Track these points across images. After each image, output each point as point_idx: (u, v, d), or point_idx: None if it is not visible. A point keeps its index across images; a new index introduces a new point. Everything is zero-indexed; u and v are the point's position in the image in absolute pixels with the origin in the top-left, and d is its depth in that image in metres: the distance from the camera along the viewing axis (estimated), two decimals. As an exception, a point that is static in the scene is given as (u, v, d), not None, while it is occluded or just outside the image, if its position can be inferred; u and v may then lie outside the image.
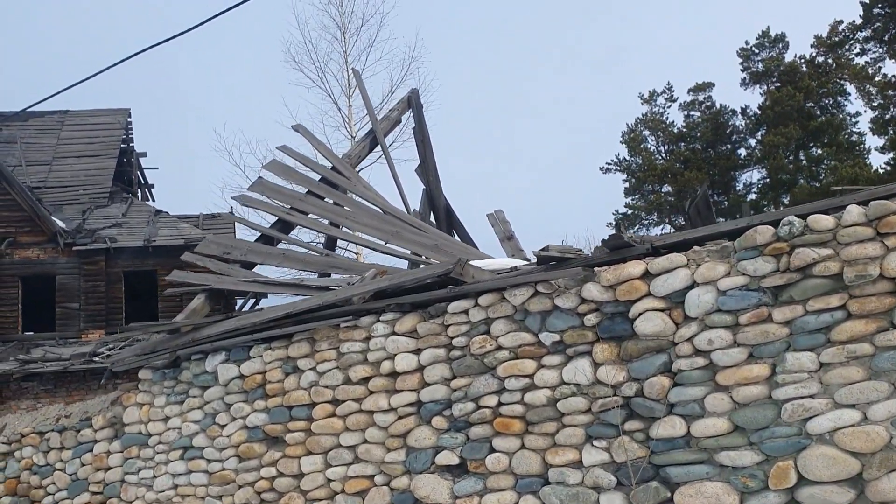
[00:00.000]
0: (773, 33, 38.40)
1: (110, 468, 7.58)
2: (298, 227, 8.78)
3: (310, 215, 8.47)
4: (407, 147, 15.84)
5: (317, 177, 8.87)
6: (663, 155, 41.34)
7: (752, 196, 38.21)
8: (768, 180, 37.22)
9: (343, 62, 22.04)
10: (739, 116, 39.81)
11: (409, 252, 7.93)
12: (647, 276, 4.98)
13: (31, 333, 19.82)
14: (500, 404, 5.44)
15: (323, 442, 6.24)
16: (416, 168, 10.54)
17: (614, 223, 41.00)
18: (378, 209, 8.51)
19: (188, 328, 7.47)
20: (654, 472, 4.85)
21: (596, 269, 5.18)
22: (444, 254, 7.65)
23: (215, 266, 8.00)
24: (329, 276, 8.57)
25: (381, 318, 6.08)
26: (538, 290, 5.35)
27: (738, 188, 39.97)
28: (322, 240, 13.32)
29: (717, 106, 40.47)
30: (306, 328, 6.39)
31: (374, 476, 5.98)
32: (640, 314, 4.94)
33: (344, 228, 8.50)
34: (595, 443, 5.06)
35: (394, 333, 6.00)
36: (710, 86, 41.69)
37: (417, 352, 5.87)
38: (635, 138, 41.48)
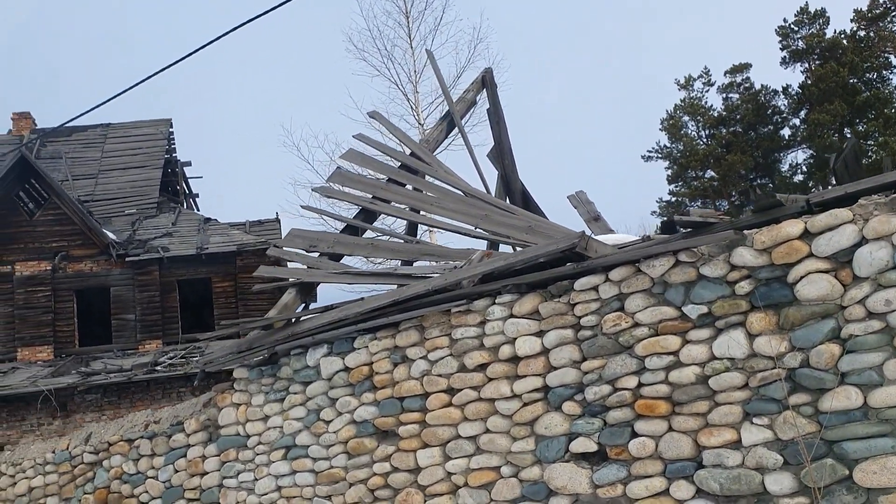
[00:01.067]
0: (812, 9, 37.48)
1: (206, 473, 7.31)
2: (381, 215, 8.46)
3: (392, 203, 8.14)
4: (477, 132, 15.25)
5: (395, 164, 8.56)
6: (704, 140, 40.63)
7: (799, 177, 37.38)
8: (813, 160, 36.31)
9: (408, 47, 21.64)
10: (781, 96, 38.97)
11: (501, 236, 7.56)
12: (806, 235, 4.56)
13: (88, 346, 19.79)
14: (640, 385, 5.05)
15: (440, 433, 5.90)
16: (488, 152, 10.18)
17: (660, 211, 40.40)
18: (461, 193, 8.16)
19: (280, 323, 7.20)
20: (826, 448, 4.43)
21: (745, 232, 4.78)
22: (539, 235, 7.27)
23: (302, 259, 7.70)
24: (411, 264, 8.27)
25: (496, 301, 5.72)
26: (679, 260, 4.95)
27: (783, 169, 39.16)
28: (397, 229, 13.04)
29: (757, 86, 39.69)
30: (414, 315, 6.06)
31: (499, 467, 5.62)
32: (801, 277, 4.52)
33: (428, 214, 8.15)
34: (755, 420, 4.65)
35: (512, 316, 5.64)
36: (747, 67, 40.91)
37: (540, 334, 5.50)
38: (675, 124, 40.78)
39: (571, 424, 5.31)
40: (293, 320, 6.98)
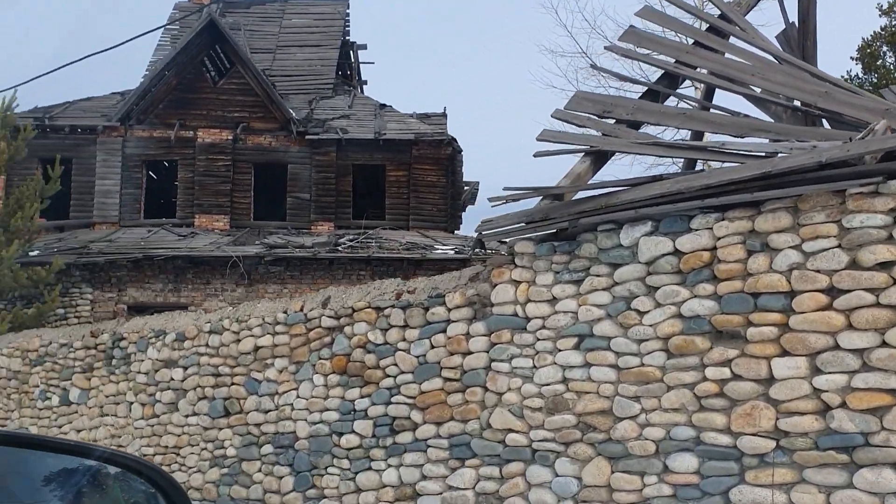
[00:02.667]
0: None
1: (471, 353, 6.52)
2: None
3: (698, 69, 6.88)
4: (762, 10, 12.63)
5: (699, 26, 7.24)
6: (904, 74, 36.62)
7: None
8: None
9: None
10: None
11: (846, 117, 6.22)
12: None
13: (262, 221, 19.70)
14: None
15: (810, 341, 4.79)
16: (779, 33, 8.65)
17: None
18: (776, 63, 6.81)
19: (572, 195, 6.20)
20: None
21: None
22: (900, 122, 5.87)
23: (596, 126, 6.62)
24: (700, 137, 7.08)
25: (924, 183, 4.47)
26: None
27: None
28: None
29: (977, 18, 35.11)
30: (790, 194, 4.89)
31: (897, 391, 4.48)
32: None
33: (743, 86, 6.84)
34: None
35: (947, 204, 4.39)
36: (964, -5, 36.15)
37: None
38: (872, 54, 36.91)
39: None
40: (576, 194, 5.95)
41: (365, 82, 27.24)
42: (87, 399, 10.24)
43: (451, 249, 16.50)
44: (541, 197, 6.27)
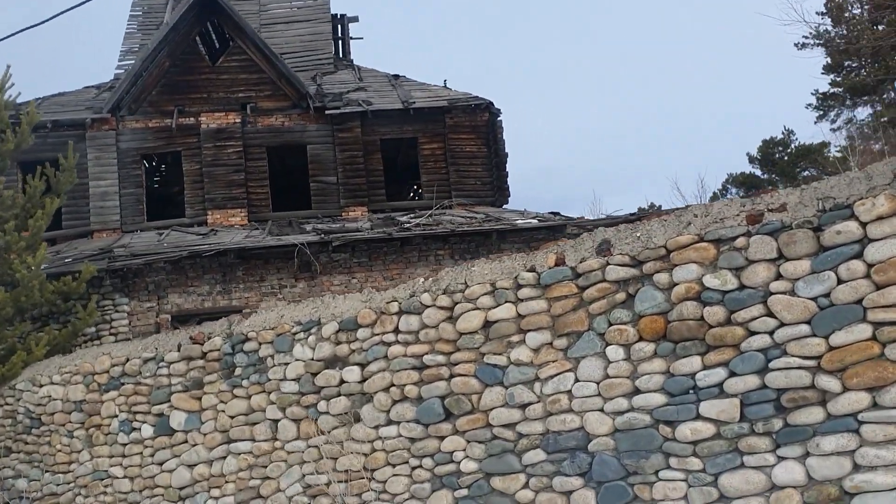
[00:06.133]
0: None
1: (921, 281, 4.53)
2: None
3: None
4: None
5: None
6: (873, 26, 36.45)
7: None
8: None
9: None
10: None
11: None
12: None
13: (286, 211, 17.23)
14: None
15: None
16: None
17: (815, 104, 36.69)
18: None
19: None
20: None
21: None
22: None
23: None
24: None
25: None
26: None
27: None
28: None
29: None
30: None
31: None
32: None
33: None
34: None
35: None
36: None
37: None
38: (839, 6, 36.54)
39: None
40: None
41: (351, 61, 24.94)
42: (201, 423, 7.82)
43: (534, 219, 14.49)
44: None
